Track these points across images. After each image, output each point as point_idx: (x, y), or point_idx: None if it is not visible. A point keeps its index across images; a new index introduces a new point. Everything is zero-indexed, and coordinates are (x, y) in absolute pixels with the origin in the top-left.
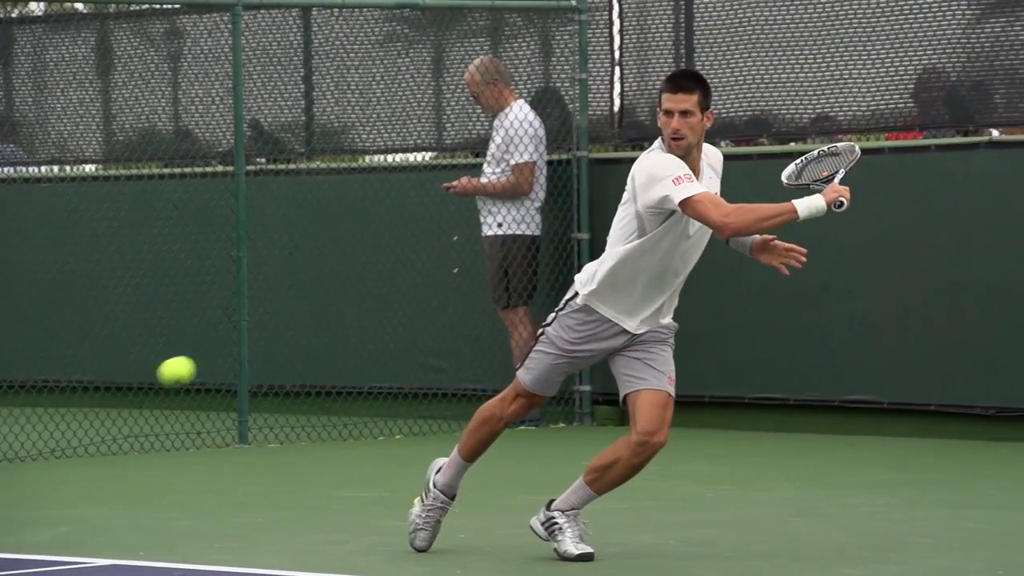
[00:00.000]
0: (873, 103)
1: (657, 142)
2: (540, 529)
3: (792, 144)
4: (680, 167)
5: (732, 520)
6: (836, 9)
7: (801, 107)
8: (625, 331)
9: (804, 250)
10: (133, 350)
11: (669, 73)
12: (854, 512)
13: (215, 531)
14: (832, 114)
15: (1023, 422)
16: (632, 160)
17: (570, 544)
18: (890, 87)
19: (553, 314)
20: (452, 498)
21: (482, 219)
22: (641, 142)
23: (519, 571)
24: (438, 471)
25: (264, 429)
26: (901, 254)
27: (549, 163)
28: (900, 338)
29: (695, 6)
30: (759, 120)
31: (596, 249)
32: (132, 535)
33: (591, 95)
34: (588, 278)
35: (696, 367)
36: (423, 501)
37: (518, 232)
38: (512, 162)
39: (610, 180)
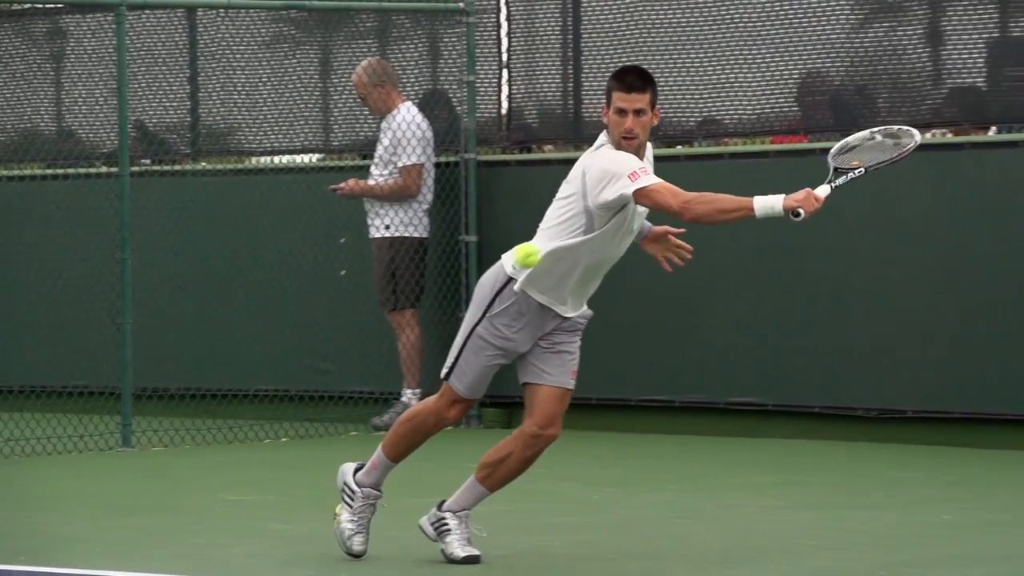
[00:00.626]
0: (758, 107)
1: (603, 138)
2: (429, 529)
3: (679, 147)
4: (634, 161)
5: (618, 522)
6: (721, 13)
7: (687, 110)
8: (558, 315)
9: (691, 248)
10: (14, 352)
11: (616, 70)
12: (739, 513)
13: (98, 535)
14: (718, 117)
15: (904, 424)
16: (520, 163)
17: (457, 546)
18: (775, 91)
19: (480, 313)
20: (381, 492)
21: (369, 221)
22: (529, 144)
23: (405, 574)
24: (355, 473)
25: (148, 432)
26: (785, 257)
27: (437, 165)
28: (784, 341)
29: (583, 10)
30: None
31: (484, 251)
32: (13, 539)
33: (479, 97)
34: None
35: (582, 370)
36: (350, 507)
37: (406, 234)
38: (400, 164)
39: (498, 182)
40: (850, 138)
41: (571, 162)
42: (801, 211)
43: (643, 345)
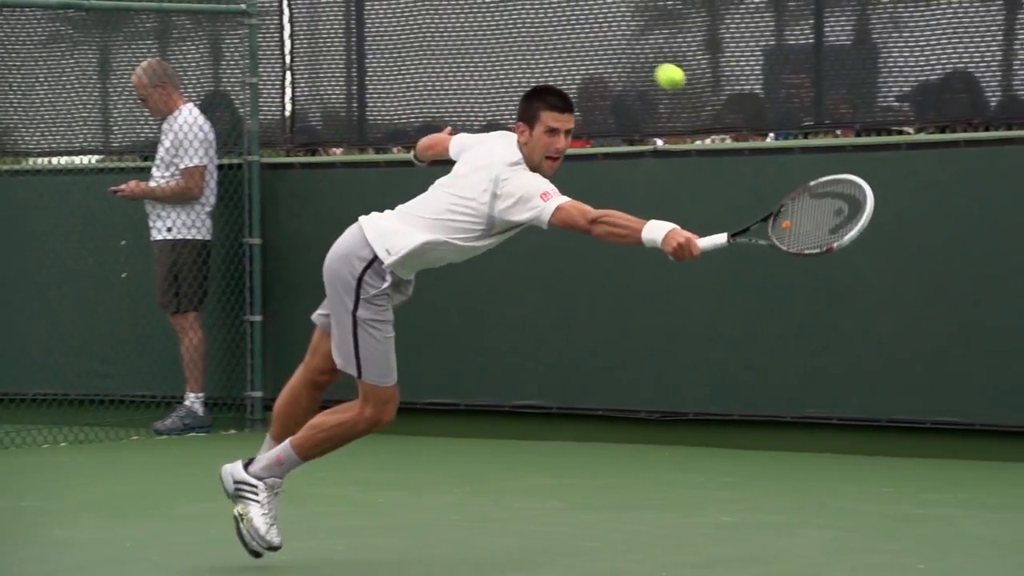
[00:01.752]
0: None
1: (515, 154)
2: (229, 484)
3: None
4: (544, 182)
5: (402, 526)
6: (504, 18)
7: (472, 114)
8: (407, 282)
9: None
10: None
11: (533, 89)
12: (523, 516)
13: None
14: (502, 121)
15: (685, 426)
16: (304, 165)
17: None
18: None
19: (352, 299)
20: (283, 480)
21: (151, 223)
22: (313, 146)
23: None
24: (247, 468)
25: None
26: (569, 261)
27: (220, 167)
28: (568, 344)
29: (366, 12)
30: (431, 127)
31: (268, 254)
32: None
33: (262, 99)
34: (392, 247)
35: None
36: (257, 501)
37: (188, 237)
38: (181, 166)
39: (282, 185)
40: (838, 183)
41: (356, 165)
42: (674, 259)
43: (428, 348)
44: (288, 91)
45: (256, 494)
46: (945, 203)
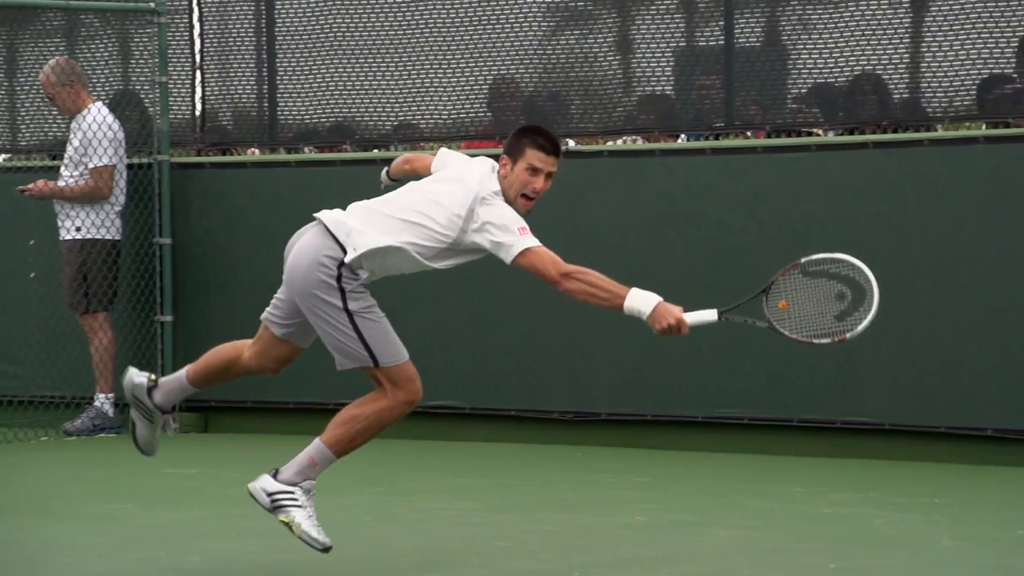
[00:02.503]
0: (453, 111)
1: (495, 184)
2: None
3: (376, 151)
4: (521, 219)
5: None
6: (416, 18)
7: (383, 114)
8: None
9: None
10: None
11: (525, 126)
12: (436, 517)
13: None
14: (414, 122)
15: (598, 426)
16: (214, 165)
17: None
18: (469, 96)
19: (339, 296)
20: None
21: (60, 223)
22: (224, 146)
23: None
24: (276, 478)
25: None
26: (481, 261)
27: (130, 167)
28: (480, 344)
29: (276, 12)
30: (342, 127)
31: (179, 254)
32: None
33: (172, 98)
34: (357, 246)
35: (285, 376)
36: (300, 507)
37: (97, 236)
38: (91, 165)
39: (193, 184)
40: (834, 262)
41: (267, 165)
42: (656, 331)
43: None
44: (198, 90)
45: (296, 500)
46: (854, 204)
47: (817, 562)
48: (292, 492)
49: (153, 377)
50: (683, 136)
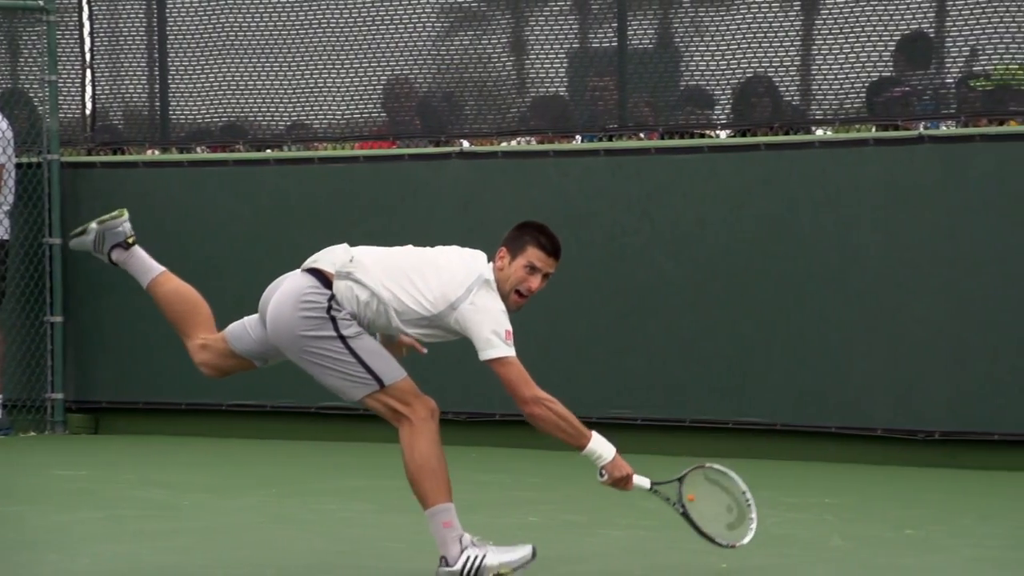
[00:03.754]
0: (347, 112)
1: (486, 273)
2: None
3: (269, 151)
4: (507, 322)
5: (208, 528)
6: (309, 17)
7: (276, 114)
8: None
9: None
10: None
11: (528, 222)
12: (330, 518)
13: None
14: (307, 122)
15: (493, 427)
16: (105, 164)
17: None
18: (363, 96)
19: (331, 327)
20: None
21: None
22: (115, 145)
23: None
24: (450, 564)
25: None
26: None
27: (19, 166)
28: None
29: (167, 11)
30: (234, 126)
31: (69, 254)
32: None
33: (62, 97)
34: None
35: (174, 376)
36: (484, 553)
37: None
38: None
39: (83, 184)
40: (728, 479)
41: (158, 164)
42: (604, 474)
43: None
44: (88, 89)
45: (474, 556)
46: (746, 205)
47: (709, 562)
48: (468, 557)
49: (132, 240)
50: (578, 137)
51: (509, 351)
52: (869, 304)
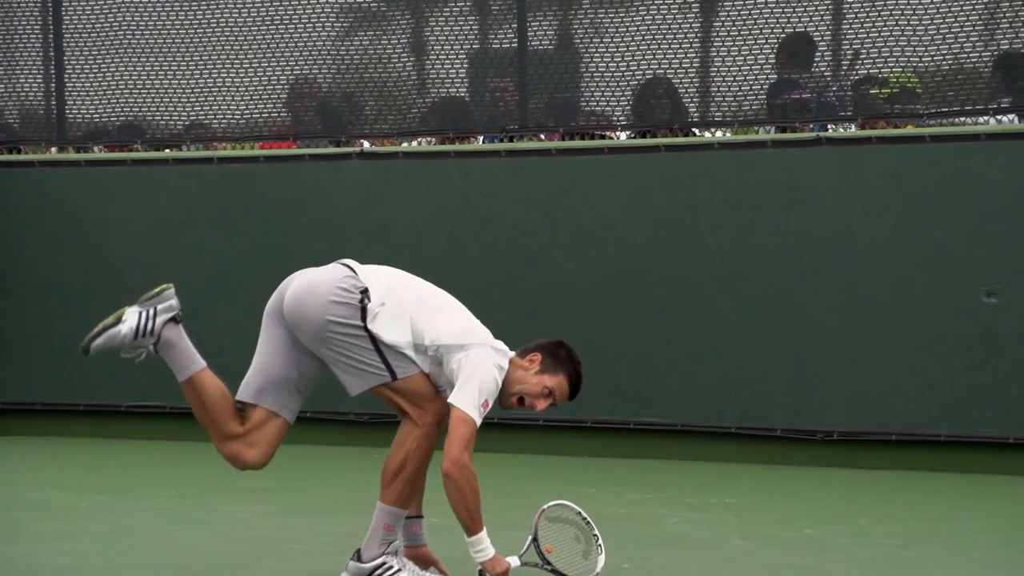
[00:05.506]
0: (247, 112)
1: (503, 357)
2: None
3: (167, 151)
4: (493, 394)
5: (108, 530)
6: (208, 17)
7: (175, 114)
8: None
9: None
10: None
11: (574, 355)
12: (231, 519)
13: None
14: (207, 122)
15: (394, 428)
16: (2, 164)
17: None
18: (263, 96)
19: (359, 314)
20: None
21: None
22: (11, 144)
23: None
24: (361, 559)
25: None
26: (278, 261)
27: None
28: None
29: (63, 9)
30: (132, 126)
31: None
32: None
33: None
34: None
35: (67, 377)
36: (401, 569)
37: None
38: None
39: None
40: (564, 509)
41: (55, 164)
42: (484, 572)
43: None
44: None
45: (392, 568)
46: (647, 206)
47: (611, 561)
48: (385, 563)
49: (179, 317)
50: (479, 138)
51: (476, 415)
52: (768, 305)
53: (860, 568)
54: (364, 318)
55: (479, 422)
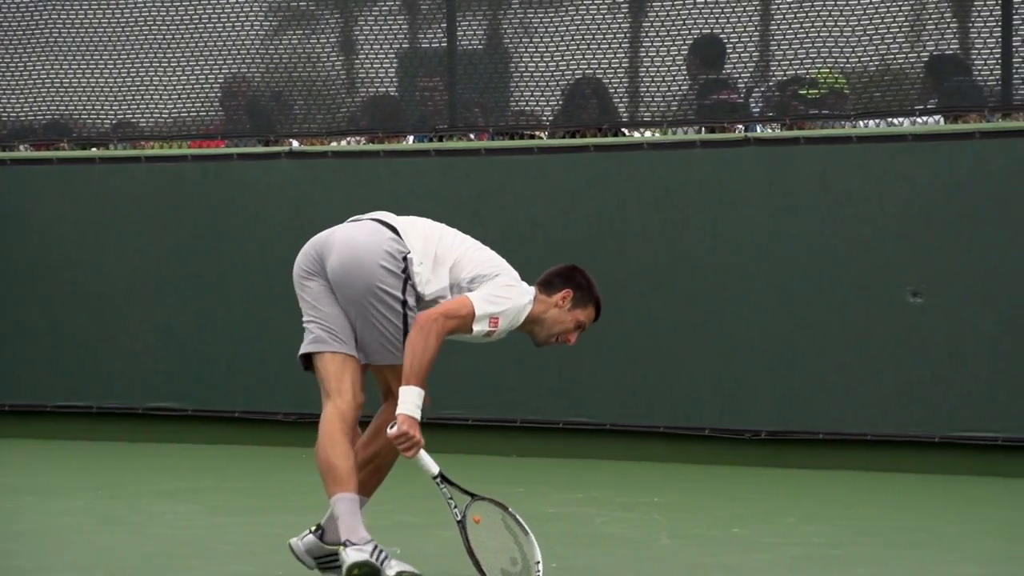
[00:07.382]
0: (175, 111)
1: (528, 294)
2: (308, 560)
3: (95, 150)
4: (504, 320)
5: (33, 531)
6: (136, 15)
7: (102, 112)
8: None
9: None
10: None
11: (592, 282)
12: (158, 520)
13: None
14: (134, 120)
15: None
16: None
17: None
18: (192, 95)
19: (401, 284)
20: None
21: None
22: None
23: None
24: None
25: None
26: (206, 261)
27: None
28: (204, 346)
29: None
30: (59, 125)
31: None
32: None
33: None
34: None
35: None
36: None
37: None
38: None
39: None
40: (528, 539)
41: (17, 162)
42: (394, 426)
43: (61, 349)
44: None
45: (384, 554)
46: (576, 206)
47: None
48: (377, 545)
49: (316, 527)
50: (409, 138)
51: (480, 316)
52: (697, 305)
53: (787, 567)
54: (405, 289)
55: (478, 316)
